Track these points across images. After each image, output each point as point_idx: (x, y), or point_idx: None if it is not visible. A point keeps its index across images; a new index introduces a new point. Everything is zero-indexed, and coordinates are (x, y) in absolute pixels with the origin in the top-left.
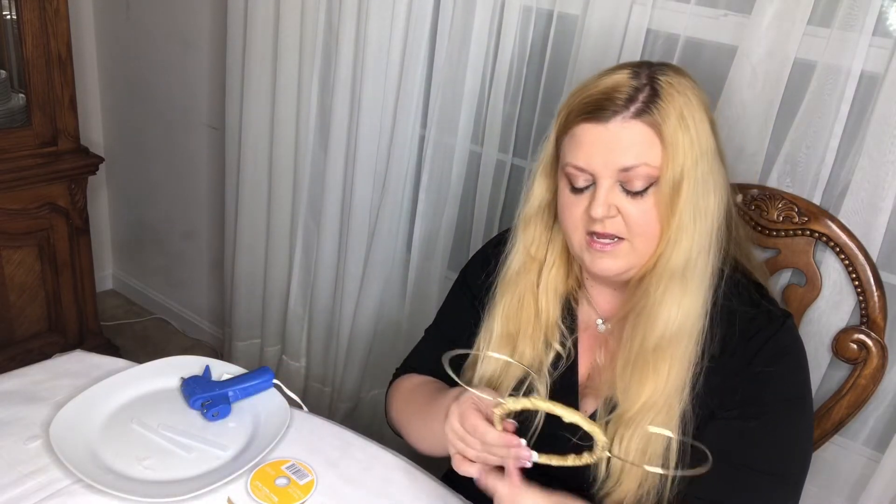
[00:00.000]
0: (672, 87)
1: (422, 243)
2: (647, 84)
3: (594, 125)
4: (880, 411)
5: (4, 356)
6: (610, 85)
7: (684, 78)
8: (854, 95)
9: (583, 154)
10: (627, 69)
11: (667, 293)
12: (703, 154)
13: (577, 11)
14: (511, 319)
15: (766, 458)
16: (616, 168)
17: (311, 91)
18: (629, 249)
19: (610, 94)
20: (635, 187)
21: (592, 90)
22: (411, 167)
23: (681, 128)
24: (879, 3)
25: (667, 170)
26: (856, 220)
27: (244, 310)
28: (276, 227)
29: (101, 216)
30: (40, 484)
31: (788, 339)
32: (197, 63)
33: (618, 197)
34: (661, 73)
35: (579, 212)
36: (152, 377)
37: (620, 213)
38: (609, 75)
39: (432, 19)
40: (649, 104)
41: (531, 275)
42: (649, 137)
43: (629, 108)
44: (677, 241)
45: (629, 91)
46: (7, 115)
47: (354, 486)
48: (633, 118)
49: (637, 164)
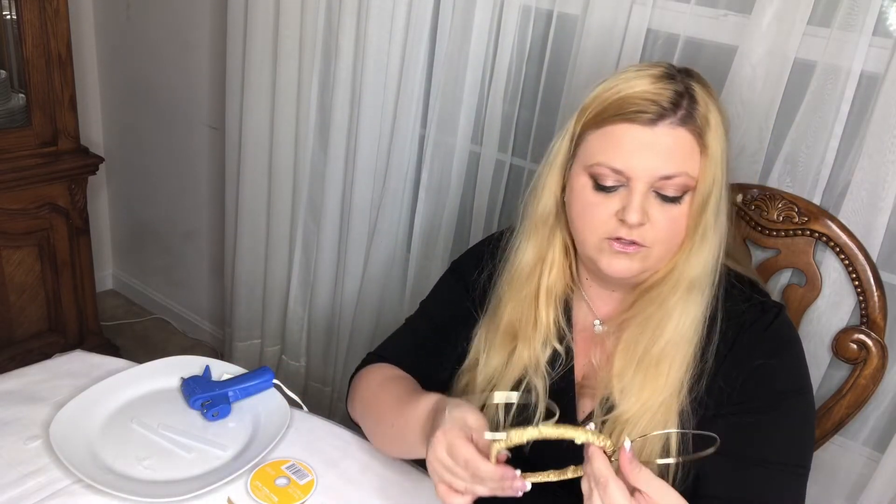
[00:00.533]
0: (705, 96)
1: (422, 242)
2: (686, 90)
3: (638, 127)
4: (880, 411)
5: (4, 356)
6: (648, 88)
7: (709, 86)
8: (854, 95)
9: (621, 155)
10: (659, 70)
11: (679, 303)
12: (727, 161)
13: (577, 11)
14: (515, 319)
15: (781, 451)
16: (657, 175)
17: (311, 91)
18: (647, 254)
19: (652, 96)
20: (670, 193)
21: (629, 90)
22: (411, 167)
23: (717, 137)
24: (879, 3)
25: (704, 180)
26: (856, 220)
27: (244, 310)
28: (276, 227)
29: (101, 216)
30: (40, 484)
31: (785, 330)
32: (197, 63)
33: (650, 203)
34: (691, 78)
35: (604, 213)
36: (152, 377)
37: (649, 219)
38: (640, 76)
39: (432, 19)
40: (692, 111)
41: (537, 276)
42: (692, 146)
43: (676, 113)
44: (699, 251)
45: (672, 96)
46: (7, 115)
47: (354, 486)
48: (679, 125)
49: (678, 172)
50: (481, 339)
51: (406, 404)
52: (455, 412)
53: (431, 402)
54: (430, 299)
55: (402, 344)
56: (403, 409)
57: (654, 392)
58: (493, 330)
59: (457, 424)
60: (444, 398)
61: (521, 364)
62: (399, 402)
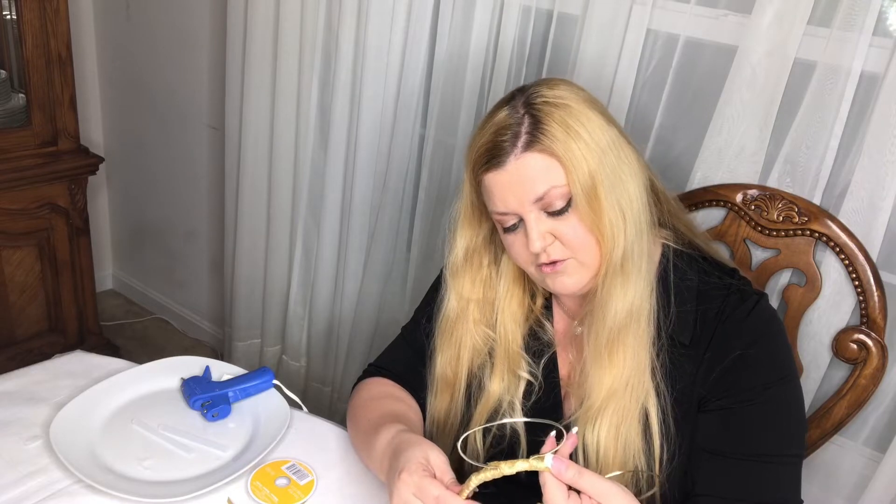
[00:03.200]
0: (548, 105)
1: (421, 243)
2: (525, 113)
3: (495, 173)
4: (880, 411)
5: (4, 356)
6: (493, 129)
7: (558, 88)
8: (854, 95)
9: (498, 201)
10: (504, 105)
11: (612, 289)
12: (605, 149)
13: (577, 11)
14: (450, 366)
15: (770, 443)
16: (531, 201)
17: (311, 91)
18: (577, 265)
19: (496, 139)
20: (556, 208)
21: (481, 140)
22: (411, 166)
23: (571, 138)
24: (879, 3)
25: (575, 182)
26: (856, 220)
27: (244, 310)
28: (276, 227)
29: (101, 216)
30: (40, 484)
31: (765, 318)
32: (197, 63)
33: (546, 223)
34: (534, 94)
35: (522, 249)
36: (152, 377)
37: (555, 236)
38: (491, 118)
39: (432, 19)
40: (533, 132)
41: (468, 319)
42: (546, 162)
43: (517, 143)
44: (618, 234)
45: (511, 128)
46: (7, 115)
47: (354, 487)
48: (524, 152)
49: (546, 189)
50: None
51: (372, 434)
52: (416, 451)
53: (388, 437)
54: (420, 308)
55: (397, 355)
56: (369, 437)
57: (614, 377)
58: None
59: (420, 464)
60: (402, 433)
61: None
62: (368, 430)
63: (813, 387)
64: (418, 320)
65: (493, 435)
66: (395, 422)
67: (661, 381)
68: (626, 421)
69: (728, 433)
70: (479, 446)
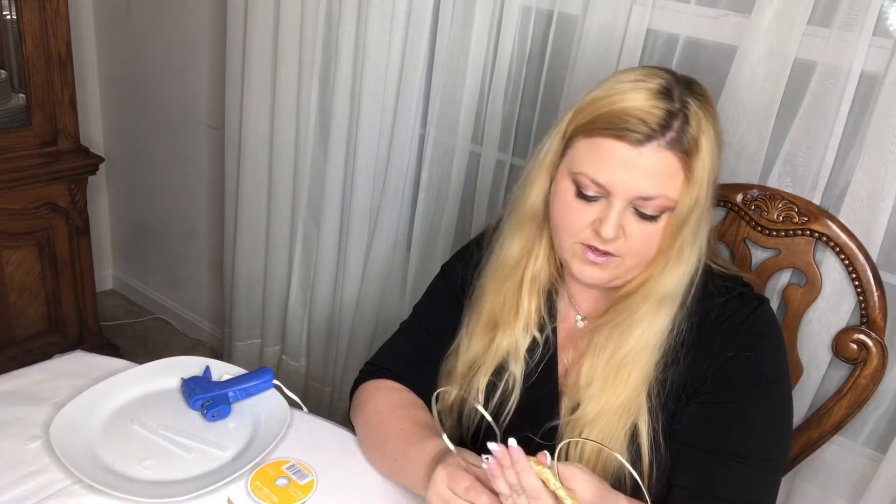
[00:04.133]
0: (700, 116)
1: (421, 243)
2: (681, 109)
3: (624, 145)
4: (880, 411)
5: (4, 356)
6: (641, 104)
7: (708, 102)
8: (854, 95)
9: (605, 170)
10: (657, 84)
11: (648, 314)
12: (713, 182)
13: (577, 11)
14: (497, 308)
15: (745, 443)
16: (637, 195)
17: (311, 91)
18: (618, 264)
19: (644, 115)
20: (647, 212)
21: (622, 104)
22: (411, 167)
23: (705, 160)
24: (879, 3)
25: (683, 203)
26: (856, 220)
27: (244, 310)
28: (276, 227)
29: (101, 216)
30: (40, 484)
31: (763, 322)
32: (197, 63)
33: (628, 218)
34: (691, 94)
35: (582, 220)
36: (152, 377)
37: (625, 233)
38: (637, 87)
39: (432, 19)
40: (682, 134)
41: (520, 270)
42: (676, 169)
43: (665, 135)
44: (674, 268)
45: (663, 116)
46: (7, 115)
47: (354, 487)
48: (666, 148)
49: (658, 195)
50: (465, 326)
51: (411, 444)
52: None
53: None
54: (422, 304)
55: (399, 354)
56: (407, 448)
57: (612, 396)
58: (476, 318)
59: (457, 461)
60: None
61: (502, 350)
62: (404, 439)
63: (813, 387)
64: (418, 316)
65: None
66: (431, 433)
67: (657, 399)
68: (611, 439)
69: (706, 428)
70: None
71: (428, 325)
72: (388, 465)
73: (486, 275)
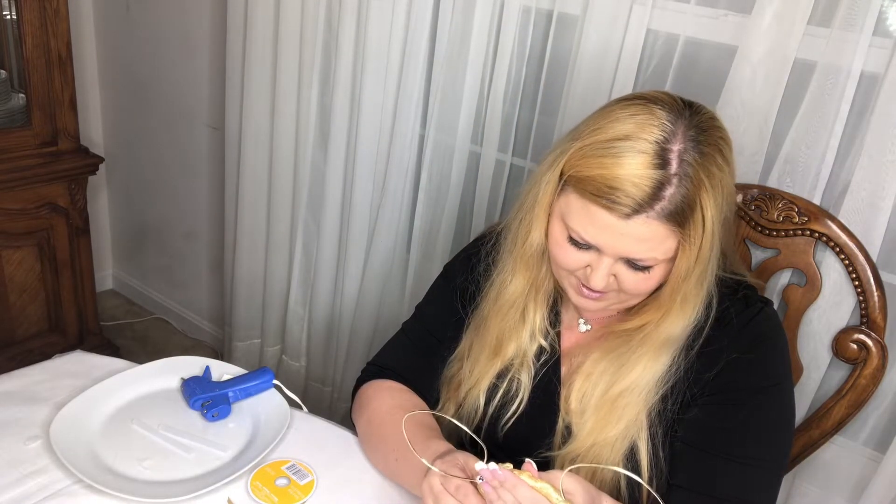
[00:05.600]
0: (700, 173)
1: (421, 243)
2: (675, 174)
3: (607, 213)
4: (880, 411)
5: (4, 356)
6: (632, 172)
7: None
8: (854, 95)
9: (593, 233)
10: (652, 143)
11: (646, 357)
12: (717, 231)
13: (577, 11)
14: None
15: (747, 445)
16: (625, 256)
17: (311, 91)
18: (615, 297)
19: (631, 187)
20: (640, 265)
21: (613, 169)
22: (411, 167)
23: (706, 218)
24: (879, 3)
25: (682, 261)
26: (856, 220)
27: (244, 310)
28: (276, 227)
29: (101, 216)
30: (40, 484)
31: (766, 325)
32: (197, 63)
33: (619, 268)
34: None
35: (575, 262)
36: (152, 377)
37: (617, 278)
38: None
39: (432, 19)
40: (675, 201)
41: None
42: (666, 235)
43: (653, 206)
44: (678, 315)
45: (653, 186)
46: (7, 115)
47: (354, 487)
48: (655, 219)
49: (648, 258)
50: (466, 347)
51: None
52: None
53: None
54: (424, 304)
55: (401, 354)
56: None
57: (605, 431)
58: (479, 344)
59: (455, 458)
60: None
61: (507, 357)
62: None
63: (813, 387)
64: (419, 317)
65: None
66: (433, 435)
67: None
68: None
69: (708, 428)
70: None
71: (429, 325)
72: (389, 465)
73: (488, 304)
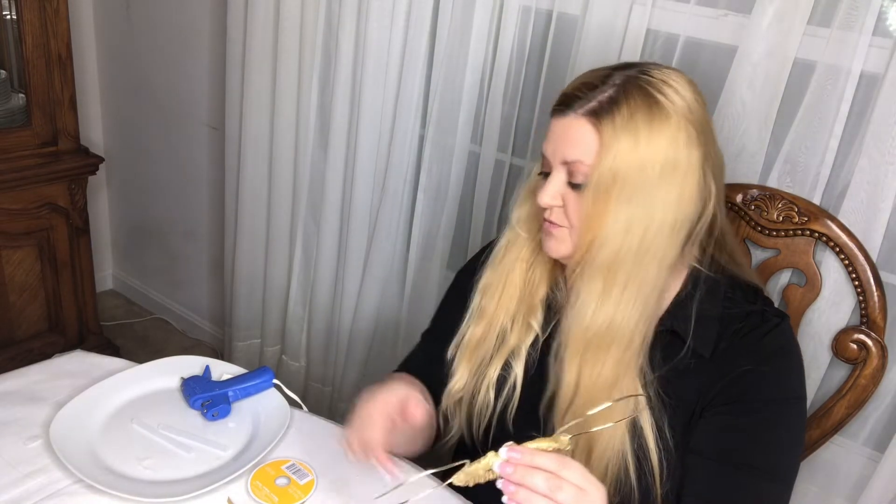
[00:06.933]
0: (640, 92)
1: (421, 243)
2: (618, 85)
3: (556, 118)
4: (880, 411)
5: (4, 356)
6: (583, 80)
7: (672, 84)
8: (854, 95)
9: (546, 144)
10: (610, 68)
11: (590, 291)
12: (649, 165)
13: (577, 11)
14: (492, 294)
15: (761, 456)
16: (561, 159)
17: (311, 91)
18: (566, 235)
19: (576, 87)
20: (576, 180)
21: (568, 83)
22: (410, 167)
23: (626, 131)
24: (879, 3)
25: (596, 170)
26: (856, 220)
27: (244, 310)
28: (276, 227)
29: (101, 216)
30: (40, 484)
31: (782, 339)
32: (197, 63)
33: (564, 188)
34: (644, 74)
35: (541, 195)
36: (152, 377)
37: (564, 203)
38: (595, 70)
39: (432, 19)
40: (602, 104)
41: (517, 251)
42: (590, 136)
43: (584, 106)
44: (605, 240)
45: (590, 90)
46: (7, 115)
47: (354, 487)
48: (584, 116)
49: (575, 159)
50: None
51: None
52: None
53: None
54: (437, 312)
55: (416, 360)
56: None
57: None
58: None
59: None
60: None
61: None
62: None
63: (813, 387)
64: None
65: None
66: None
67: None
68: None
69: (720, 439)
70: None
71: (440, 334)
72: None
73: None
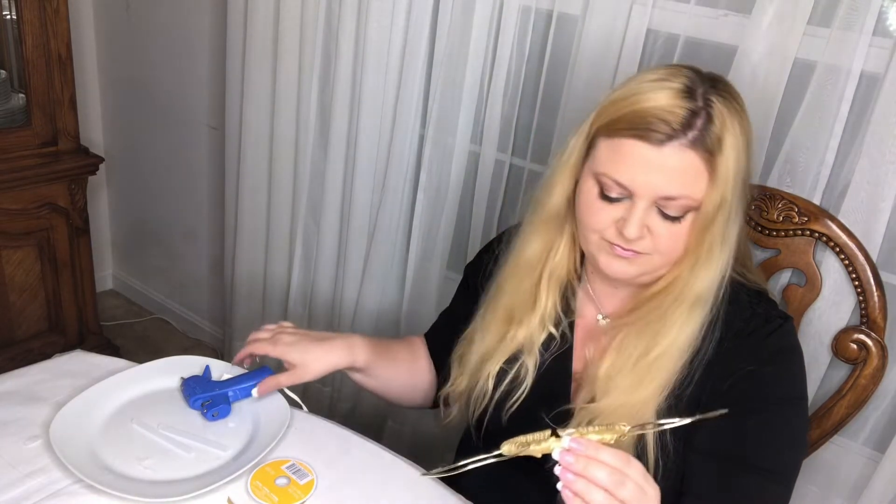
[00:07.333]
0: (725, 114)
1: (421, 243)
2: (703, 108)
3: (645, 145)
4: (880, 411)
5: (4, 356)
6: (664, 103)
7: (735, 99)
8: (854, 95)
9: (626, 171)
10: (680, 83)
11: (681, 317)
12: (741, 182)
13: (577, 12)
14: (514, 305)
15: (763, 456)
16: (659, 195)
17: (311, 91)
18: (647, 261)
19: (664, 114)
20: (671, 213)
21: (644, 104)
22: (410, 167)
23: (729, 159)
24: (879, 3)
25: (708, 202)
26: (856, 220)
27: (244, 310)
28: (276, 227)
29: (101, 216)
30: (40, 484)
31: (785, 341)
32: (197, 63)
33: (652, 218)
34: (715, 92)
35: (607, 219)
36: (152, 377)
37: (650, 232)
38: (660, 87)
39: (432, 19)
40: (705, 132)
41: (539, 267)
42: (699, 168)
43: (686, 134)
44: (705, 266)
45: (686, 116)
46: (7, 115)
47: (354, 486)
48: (689, 147)
49: (681, 195)
50: (480, 318)
51: None
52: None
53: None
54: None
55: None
56: None
57: (636, 395)
58: (492, 312)
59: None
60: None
61: (517, 342)
62: None
63: (813, 387)
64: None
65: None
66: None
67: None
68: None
69: (721, 438)
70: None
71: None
72: None
73: (504, 271)
